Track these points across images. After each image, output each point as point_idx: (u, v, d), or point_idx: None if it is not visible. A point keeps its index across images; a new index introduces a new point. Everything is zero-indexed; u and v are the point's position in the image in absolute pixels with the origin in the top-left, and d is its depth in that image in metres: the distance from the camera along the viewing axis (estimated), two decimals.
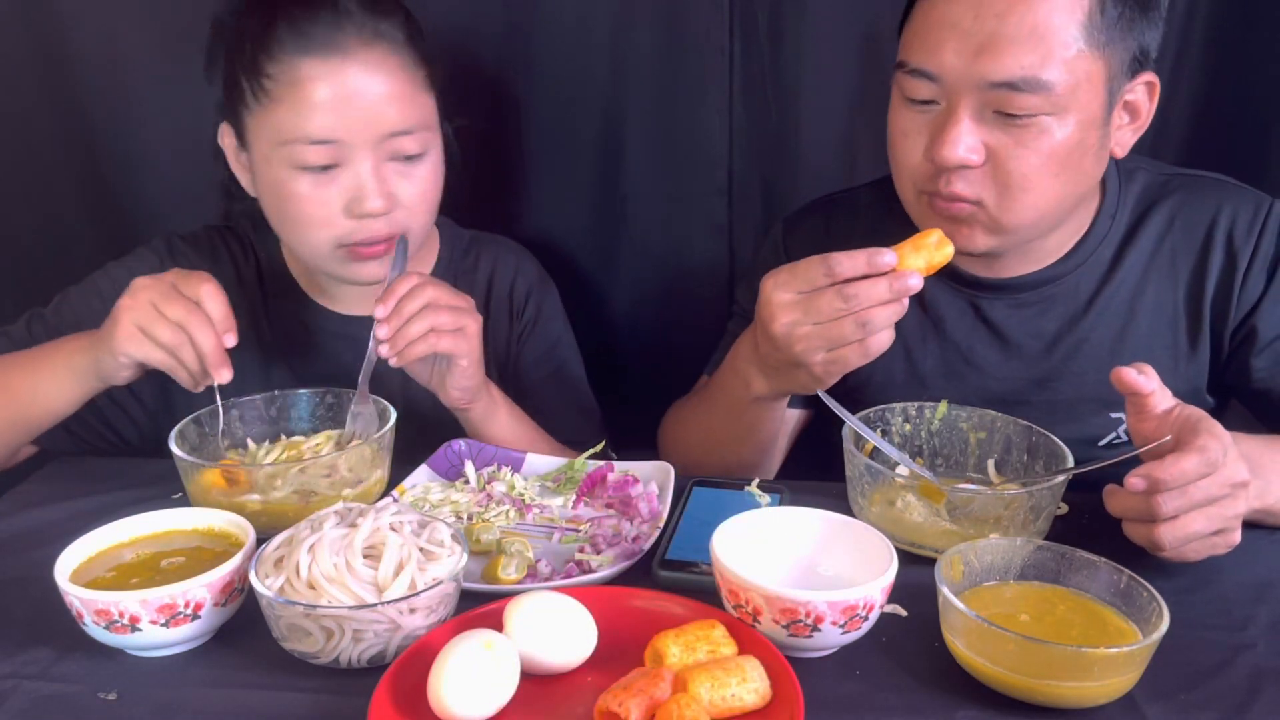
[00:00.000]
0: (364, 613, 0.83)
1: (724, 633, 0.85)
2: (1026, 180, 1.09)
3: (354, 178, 1.18)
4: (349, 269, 1.24)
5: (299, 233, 1.22)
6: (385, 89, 1.18)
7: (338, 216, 1.19)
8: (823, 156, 1.55)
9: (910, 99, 1.13)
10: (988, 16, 1.05)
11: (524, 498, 1.14)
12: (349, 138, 1.17)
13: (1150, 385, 0.96)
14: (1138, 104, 1.14)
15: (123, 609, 0.85)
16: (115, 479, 1.19)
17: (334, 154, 1.17)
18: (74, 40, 1.55)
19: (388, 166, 1.20)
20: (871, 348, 1.04)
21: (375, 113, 1.17)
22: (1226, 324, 1.22)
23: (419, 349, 1.13)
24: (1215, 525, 0.92)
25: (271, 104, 1.17)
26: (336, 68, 1.16)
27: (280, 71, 1.16)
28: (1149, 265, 1.23)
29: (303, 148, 1.16)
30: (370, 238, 1.20)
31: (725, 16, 1.48)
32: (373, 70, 1.17)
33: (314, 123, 1.16)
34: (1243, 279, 1.20)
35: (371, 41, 1.18)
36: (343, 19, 1.17)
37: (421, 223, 1.26)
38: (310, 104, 1.15)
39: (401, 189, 1.21)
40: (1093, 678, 0.79)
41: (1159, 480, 0.90)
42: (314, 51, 1.16)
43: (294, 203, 1.19)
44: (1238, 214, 1.21)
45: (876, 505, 1.05)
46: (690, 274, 1.63)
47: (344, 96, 1.16)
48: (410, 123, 1.20)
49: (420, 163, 1.23)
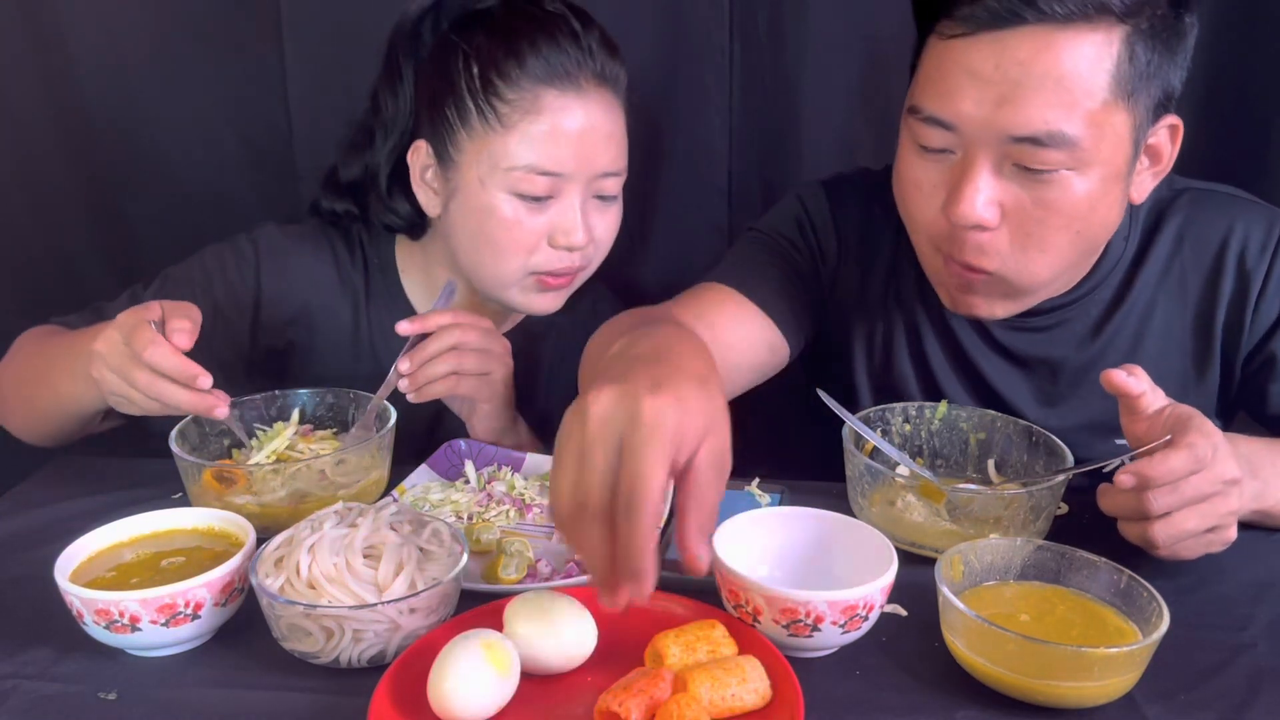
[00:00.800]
0: (364, 613, 0.83)
1: (724, 633, 0.84)
2: (1044, 240, 1.04)
3: (564, 211, 1.22)
4: (530, 298, 1.28)
5: (497, 256, 1.24)
6: (609, 130, 1.23)
7: (541, 245, 1.23)
8: (823, 156, 1.54)
9: (923, 147, 1.06)
10: (1010, 64, 0.97)
11: (524, 497, 1.13)
12: (570, 171, 1.20)
13: (1140, 386, 0.95)
14: (1159, 147, 1.07)
15: (123, 609, 0.85)
16: (115, 479, 1.19)
17: (552, 186, 1.20)
18: (74, 40, 1.55)
19: (591, 203, 1.25)
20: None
21: (598, 152, 1.22)
22: (1239, 349, 1.19)
23: (437, 389, 1.15)
24: (1208, 522, 0.92)
25: (504, 129, 1.19)
26: (576, 103, 1.19)
27: (519, 98, 1.18)
28: (1158, 287, 1.19)
29: (529, 176, 1.19)
30: (564, 269, 1.25)
31: (725, 16, 1.48)
32: (602, 111, 1.21)
33: (546, 154, 1.19)
34: (1256, 302, 1.16)
35: (604, 83, 1.22)
36: (585, 55, 1.20)
37: (602, 259, 1.31)
38: (547, 135, 1.18)
39: (597, 225, 1.26)
40: (1093, 678, 0.79)
41: (1148, 477, 0.90)
42: (557, 84, 1.19)
43: (503, 227, 1.22)
44: (1250, 234, 1.17)
45: (876, 505, 1.05)
46: (690, 274, 1.62)
47: (579, 133, 1.20)
48: (620, 165, 1.26)
49: (614, 203, 1.28)
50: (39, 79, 1.57)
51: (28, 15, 1.54)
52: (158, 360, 1.01)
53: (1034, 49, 0.97)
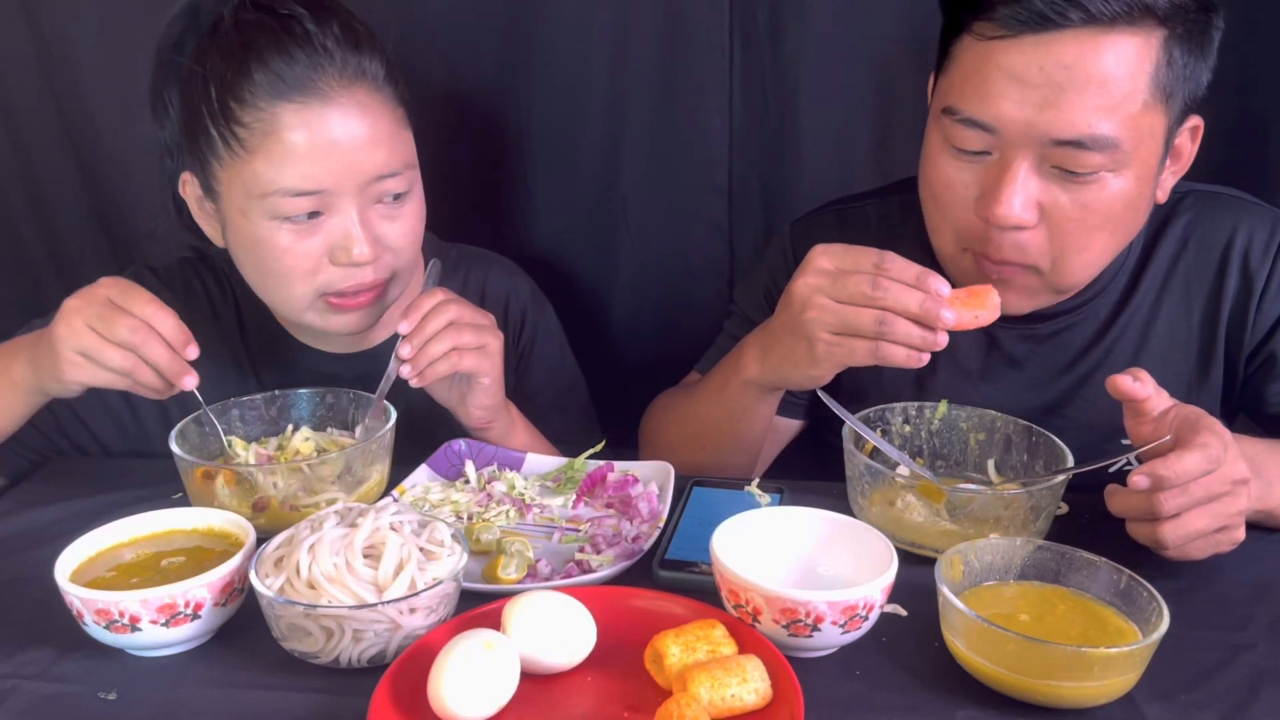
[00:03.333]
0: (364, 613, 0.83)
1: (724, 633, 0.85)
2: (1083, 240, 1.04)
3: (339, 226, 1.12)
4: (329, 320, 1.18)
5: (279, 286, 1.16)
6: (369, 132, 1.11)
7: (322, 265, 1.14)
8: (823, 156, 1.54)
9: (958, 148, 1.06)
10: (1054, 67, 0.97)
11: (524, 498, 1.13)
12: (333, 186, 1.10)
13: (1145, 390, 0.95)
14: (1180, 147, 1.09)
15: (123, 609, 0.85)
16: (115, 479, 1.19)
17: (317, 203, 1.11)
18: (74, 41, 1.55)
19: (373, 210, 1.14)
20: (881, 352, 1.00)
21: (360, 158, 1.11)
22: (1242, 349, 1.19)
23: (441, 368, 1.12)
24: (1218, 523, 0.92)
25: (247, 155, 1.09)
26: (317, 113, 1.08)
27: (255, 120, 1.08)
28: (1163, 289, 1.20)
29: (284, 200, 1.09)
30: (356, 286, 1.15)
31: (725, 16, 1.48)
32: (356, 113, 1.10)
33: (298, 173, 1.09)
34: (1258, 303, 1.17)
35: (353, 82, 1.11)
36: (321, 59, 1.09)
37: (408, 262, 1.21)
38: (291, 154, 1.08)
39: (388, 231, 1.16)
40: (1093, 678, 0.79)
41: (1162, 478, 0.90)
42: (292, 97, 1.08)
43: (274, 256, 1.13)
44: (1254, 235, 1.17)
45: (876, 505, 1.05)
46: (690, 274, 1.63)
47: (327, 144, 1.09)
48: (395, 164, 1.14)
49: (405, 201, 1.17)
50: (39, 79, 1.57)
51: (28, 15, 1.53)
52: (156, 317, 1.01)
53: (1079, 52, 0.97)
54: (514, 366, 1.40)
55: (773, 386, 1.17)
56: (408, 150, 1.18)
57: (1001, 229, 1.04)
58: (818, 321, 1.01)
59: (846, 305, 1.00)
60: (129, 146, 1.59)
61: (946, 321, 0.98)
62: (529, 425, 1.30)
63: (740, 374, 1.16)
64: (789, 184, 1.57)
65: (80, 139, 1.60)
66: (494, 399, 1.19)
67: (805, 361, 1.05)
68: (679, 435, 1.29)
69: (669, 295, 1.65)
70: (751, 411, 1.20)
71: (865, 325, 0.99)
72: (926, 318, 0.98)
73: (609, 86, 1.54)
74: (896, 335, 0.99)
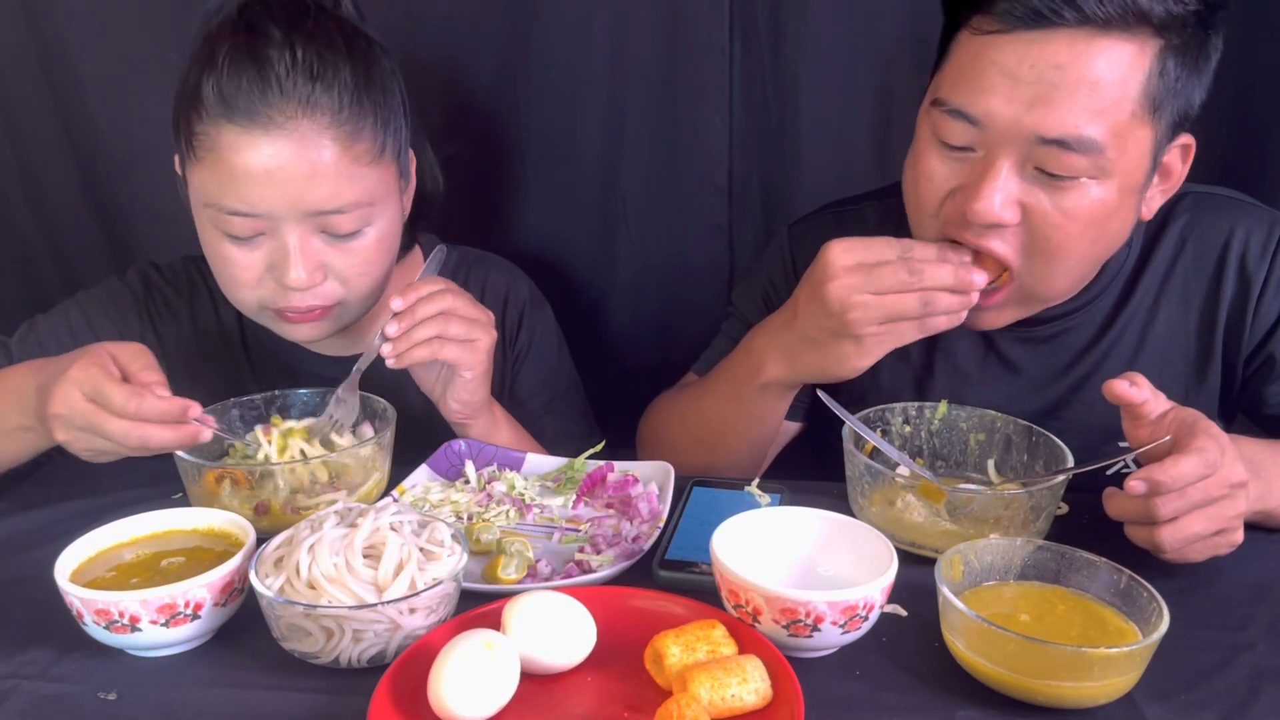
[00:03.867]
0: (364, 613, 0.83)
1: (724, 633, 0.84)
2: (1062, 247, 1.04)
3: (277, 249, 1.11)
4: (281, 328, 1.19)
5: (228, 289, 1.17)
6: (309, 167, 1.08)
7: (264, 279, 1.13)
8: (823, 156, 1.54)
9: (944, 142, 1.06)
10: (1046, 65, 0.97)
11: (524, 498, 1.13)
12: (269, 212, 1.09)
13: (1142, 395, 0.96)
14: (1170, 165, 1.08)
15: (123, 609, 0.85)
16: (115, 479, 1.19)
17: (256, 225, 1.10)
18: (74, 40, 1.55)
19: (318, 239, 1.12)
20: (929, 326, 1.06)
21: (296, 191, 1.08)
22: (1240, 351, 1.19)
23: (421, 353, 1.11)
24: (1216, 526, 0.92)
25: (197, 163, 1.10)
26: (257, 139, 1.06)
27: (204, 133, 1.08)
28: (1161, 291, 1.20)
29: (223, 215, 1.10)
30: (295, 308, 1.14)
31: (725, 16, 1.48)
32: (296, 146, 1.07)
33: (232, 193, 1.08)
34: (1256, 304, 1.17)
35: (301, 113, 1.07)
36: (270, 85, 1.06)
37: (360, 294, 1.17)
38: (230, 175, 1.07)
39: (335, 261, 1.13)
40: (1093, 678, 0.79)
41: (1159, 483, 0.90)
42: (236, 119, 1.06)
43: (219, 260, 1.14)
44: (1251, 236, 1.17)
45: (876, 505, 1.05)
46: (690, 274, 1.63)
47: (263, 172, 1.07)
48: (341, 202, 1.10)
49: (357, 238, 1.14)
50: (39, 78, 1.57)
51: (28, 15, 1.53)
52: (146, 411, 0.97)
53: (1072, 52, 0.97)
54: (511, 367, 1.40)
55: (801, 384, 1.20)
56: (363, 189, 1.12)
57: (980, 225, 1.04)
58: (864, 319, 1.05)
59: (888, 295, 1.04)
60: (129, 146, 1.59)
61: (979, 283, 1.05)
62: (516, 426, 1.29)
63: (758, 378, 1.17)
64: (789, 184, 1.57)
65: (80, 139, 1.60)
66: (474, 395, 1.18)
67: (853, 355, 1.09)
68: (684, 438, 1.29)
69: (669, 295, 1.65)
70: (771, 412, 1.23)
71: (911, 309, 1.05)
72: (963, 286, 1.05)
73: (609, 86, 1.54)
74: (939, 308, 1.05)
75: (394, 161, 1.18)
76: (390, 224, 1.18)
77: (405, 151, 1.21)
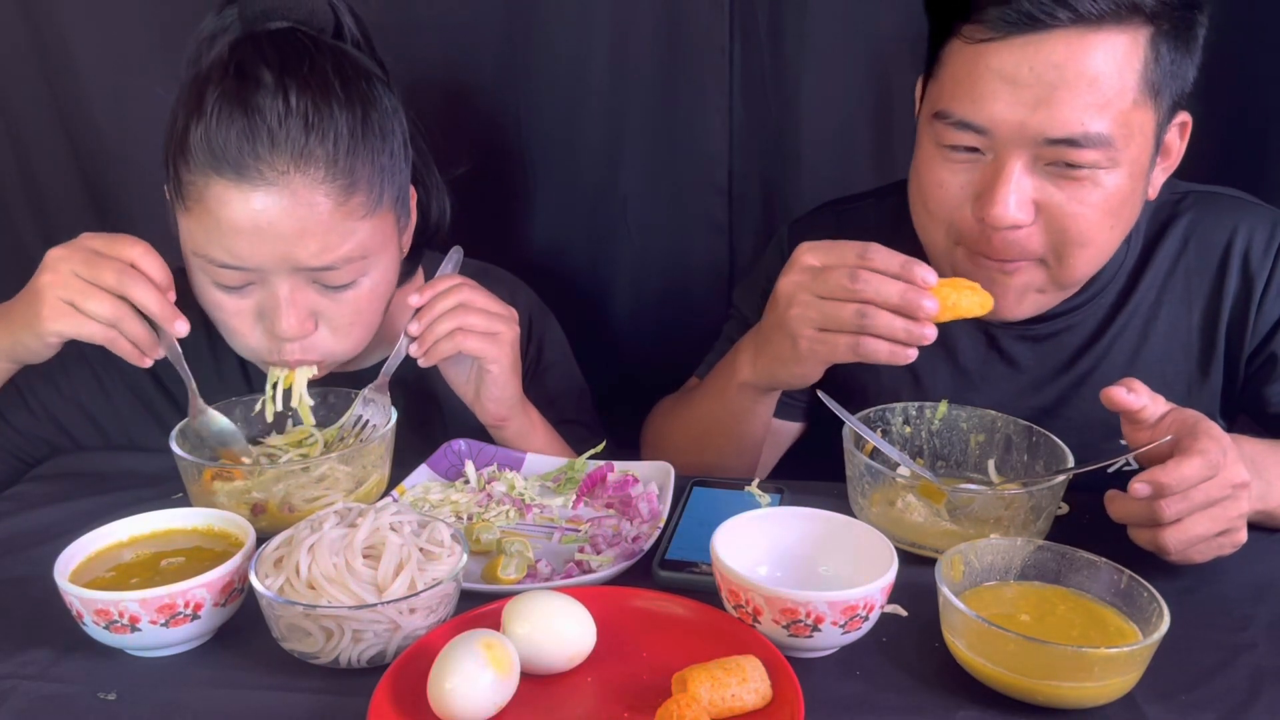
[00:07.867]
0: (364, 613, 0.83)
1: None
2: (1084, 235, 1.05)
3: (269, 299, 1.08)
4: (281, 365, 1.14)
5: (224, 332, 1.14)
6: (299, 225, 1.03)
7: (256, 328, 1.11)
8: (823, 156, 1.55)
9: (950, 147, 1.06)
10: (1045, 67, 0.98)
11: (524, 498, 1.13)
12: (258, 265, 1.05)
13: (1139, 401, 0.96)
14: (1170, 144, 1.10)
15: (123, 609, 0.85)
16: (115, 479, 1.19)
17: (245, 277, 1.07)
18: (74, 40, 1.55)
19: (310, 290, 1.09)
20: (863, 348, 0.98)
21: (286, 248, 1.04)
22: (1243, 349, 1.19)
23: (445, 347, 1.11)
24: (1219, 527, 0.92)
25: (185, 211, 1.07)
26: (246, 194, 1.02)
27: (192, 183, 1.05)
28: (1163, 289, 1.20)
29: (210, 265, 1.07)
30: (286, 361, 1.12)
31: (725, 16, 1.48)
32: (287, 202, 1.03)
33: (219, 245, 1.05)
34: (1259, 303, 1.17)
35: (294, 166, 1.02)
36: (260, 136, 1.02)
37: (351, 345, 1.14)
38: (217, 227, 1.04)
39: (326, 309, 1.10)
40: (1093, 678, 0.79)
41: (1162, 485, 0.90)
42: (225, 173, 1.02)
43: (213, 307, 1.11)
44: (1254, 235, 1.18)
45: (877, 505, 1.05)
46: (690, 274, 1.63)
47: (253, 228, 1.03)
48: (332, 258, 1.06)
49: (350, 289, 1.10)
50: (39, 78, 1.57)
51: (28, 15, 1.53)
52: (144, 259, 0.99)
53: (1068, 51, 0.98)
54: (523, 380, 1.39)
55: (767, 387, 1.17)
56: (356, 244, 1.08)
57: (997, 229, 1.05)
58: (801, 318, 1.02)
59: (827, 300, 0.99)
60: (129, 146, 1.59)
61: (929, 311, 0.96)
62: (550, 430, 1.27)
63: (736, 376, 1.16)
64: (789, 184, 1.57)
65: (80, 139, 1.60)
66: (505, 391, 1.18)
67: (791, 359, 1.06)
68: (682, 440, 1.30)
69: (669, 295, 1.65)
70: (750, 413, 1.20)
71: (846, 319, 0.98)
72: (908, 308, 0.97)
73: (609, 86, 1.54)
74: (879, 328, 0.97)
75: (391, 210, 1.14)
76: (385, 272, 1.15)
77: (405, 192, 1.18)
